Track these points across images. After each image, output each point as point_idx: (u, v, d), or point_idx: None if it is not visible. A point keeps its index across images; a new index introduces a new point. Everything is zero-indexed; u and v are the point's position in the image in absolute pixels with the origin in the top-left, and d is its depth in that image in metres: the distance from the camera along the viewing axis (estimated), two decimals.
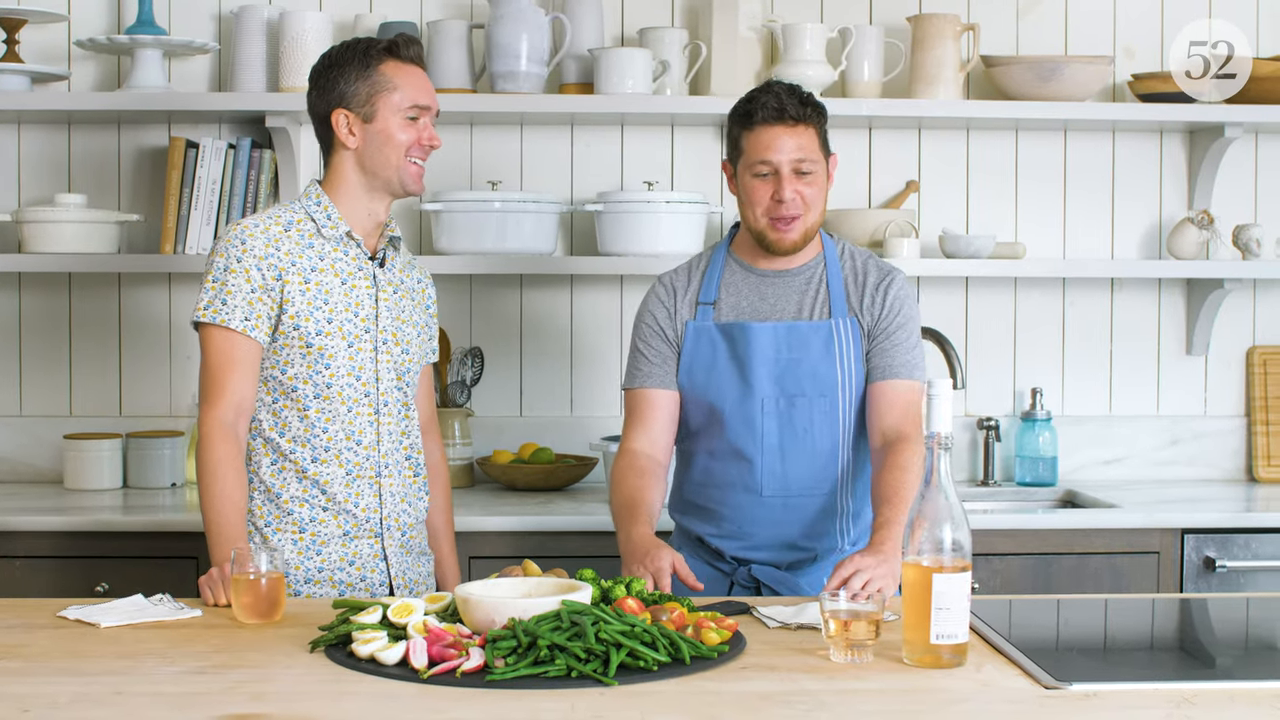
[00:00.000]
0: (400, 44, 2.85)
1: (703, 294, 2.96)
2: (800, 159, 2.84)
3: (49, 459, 4.09)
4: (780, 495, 2.88)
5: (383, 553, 2.87)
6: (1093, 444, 4.26)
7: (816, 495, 2.90)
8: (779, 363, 2.88)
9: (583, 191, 4.16)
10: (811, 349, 2.88)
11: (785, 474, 2.88)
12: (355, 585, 2.84)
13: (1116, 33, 4.26)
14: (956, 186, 4.24)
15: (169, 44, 3.90)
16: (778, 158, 2.84)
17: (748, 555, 2.92)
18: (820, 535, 2.91)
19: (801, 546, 2.90)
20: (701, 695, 2.04)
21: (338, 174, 2.86)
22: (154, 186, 4.10)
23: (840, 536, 2.93)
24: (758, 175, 2.87)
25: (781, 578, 2.90)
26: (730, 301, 2.94)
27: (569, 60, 4.01)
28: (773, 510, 2.89)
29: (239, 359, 2.76)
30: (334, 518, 2.83)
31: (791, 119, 2.84)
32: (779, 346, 2.88)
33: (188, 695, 2.04)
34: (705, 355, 2.92)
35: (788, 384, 2.87)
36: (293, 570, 2.81)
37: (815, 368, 2.87)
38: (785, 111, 2.84)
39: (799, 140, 2.85)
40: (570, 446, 4.13)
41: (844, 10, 4.19)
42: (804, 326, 2.89)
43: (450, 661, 2.11)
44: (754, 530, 2.90)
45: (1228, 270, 4.06)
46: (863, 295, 2.92)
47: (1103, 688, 2.08)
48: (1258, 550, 3.64)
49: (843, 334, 2.89)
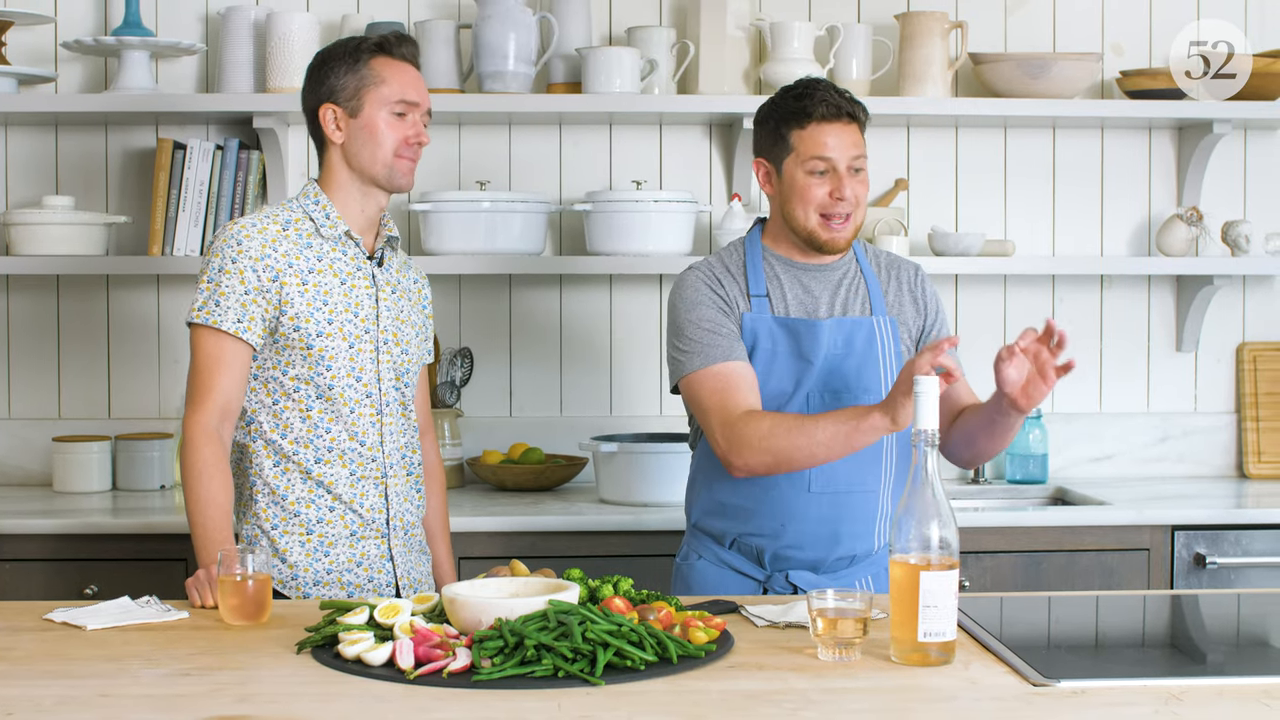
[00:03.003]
0: (392, 40, 2.84)
1: (752, 286, 2.90)
2: (857, 155, 2.84)
3: (37, 461, 4.08)
4: (829, 491, 2.84)
5: (389, 553, 2.87)
6: (1083, 441, 4.26)
7: (862, 492, 2.86)
8: (829, 358, 2.85)
9: (571, 191, 4.16)
10: (856, 346, 2.86)
11: (834, 469, 2.82)
12: (364, 586, 2.84)
13: (1105, 29, 4.26)
14: (945, 184, 4.24)
15: (156, 45, 3.89)
16: (837, 155, 2.82)
17: (789, 553, 2.87)
18: (861, 536, 2.88)
19: (844, 544, 2.86)
20: (689, 694, 2.04)
21: (330, 171, 2.86)
22: (142, 188, 4.09)
23: (877, 538, 2.90)
24: (813, 173, 2.83)
25: (819, 583, 2.84)
26: (779, 295, 2.90)
27: (557, 60, 4.00)
28: (820, 507, 2.85)
29: (228, 361, 2.75)
30: (340, 517, 2.82)
31: (848, 116, 2.84)
32: (832, 342, 2.86)
33: (174, 697, 2.03)
34: (765, 349, 2.86)
35: (833, 380, 2.85)
36: (301, 572, 2.80)
37: (860, 364, 2.85)
38: (843, 109, 2.83)
39: (854, 138, 2.84)
40: (560, 447, 4.13)
41: (831, 8, 4.19)
42: (849, 323, 2.87)
43: (437, 662, 2.11)
44: (798, 527, 2.85)
45: (1217, 267, 4.06)
46: (905, 292, 2.94)
47: (1091, 684, 2.08)
48: (1248, 546, 3.65)
49: (883, 331, 2.88)
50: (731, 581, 2.91)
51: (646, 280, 4.17)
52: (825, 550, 2.87)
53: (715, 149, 4.18)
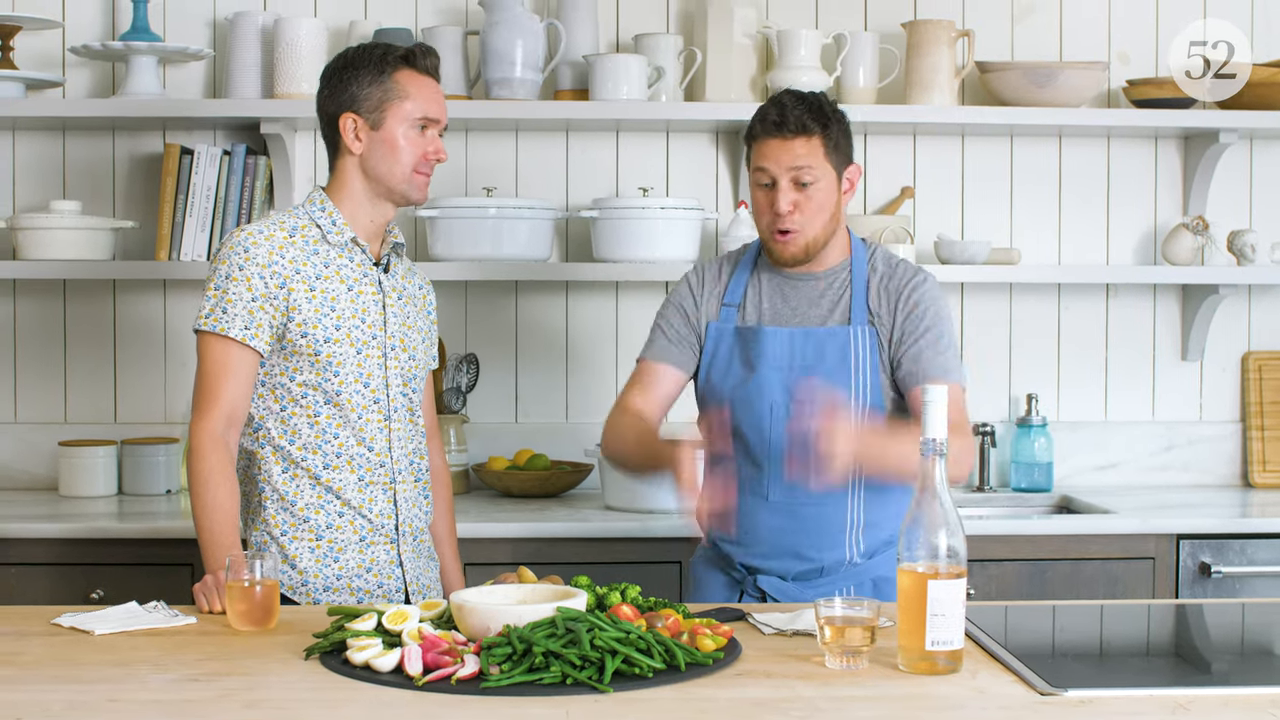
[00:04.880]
0: (417, 54, 2.83)
1: (728, 294, 2.95)
2: (798, 168, 2.82)
3: (44, 466, 4.08)
4: (786, 501, 2.85)
5: (399, 558, 2.87)
6: (1088, 450, 4.26)
7: (825, 504, 2.85)
8: (792, 368, 2.85)
9: (578, 198, 4.16)
10: (826, 355, 2.85)
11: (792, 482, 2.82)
12: (373, 592, 2.84)
13: (1111, 39, 4.26)
14: (952, 192, 4.24)
15: (164, 50, 3.90)
16: (774, 168, 2.83)
17: (754, 563, 2.89)
18: (828, 547, 2.87)
19: (808, 557, 2.86)
20: (697, 702, 2.04)
21: (342, 178, 2.85)
22: (149, 193, 4.10)
23: (850, 549, 2.87)
24: (759, 185, 2.86)
25: (786, 589, 2.86)
26: (755, 303, 2.93)
27: (564, 67, 4.01)
28: (779, 517, 2.86)
29: (234, 368, 2.75)
30: (350, 523, 2.82)
31: (790, 131, 2.82)
32: (793, 352, 2.85)
33: (182, 703, 2.03)
34: (723, 357, 2.91)
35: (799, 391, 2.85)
36: (311, 579, 2.80)
37: (830, 375, 2.84)
38: (783, 124, 2.82)
39: (797, 150, 2.82)
40: (566, 453, 4.13)
41: (839, 16, 4.19)
42: (820, 332, 2.86)
43: (445, 669, 2.11)
44: (761, 537, 2.87)
45: (1223, 276, 4.06)
46: (889, 299, 2.88)
47: (1098, 694, 2.08)
48: (1253, 556, 3.65)
49: (859, 341, 2.85)
50: (717, 581, 2.94)
51: (652, 287, 4.17)
52: (788, 562, 2.87)
53: (722, 156, 4.18)
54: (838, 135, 2.87)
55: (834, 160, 2.86)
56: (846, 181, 2.90)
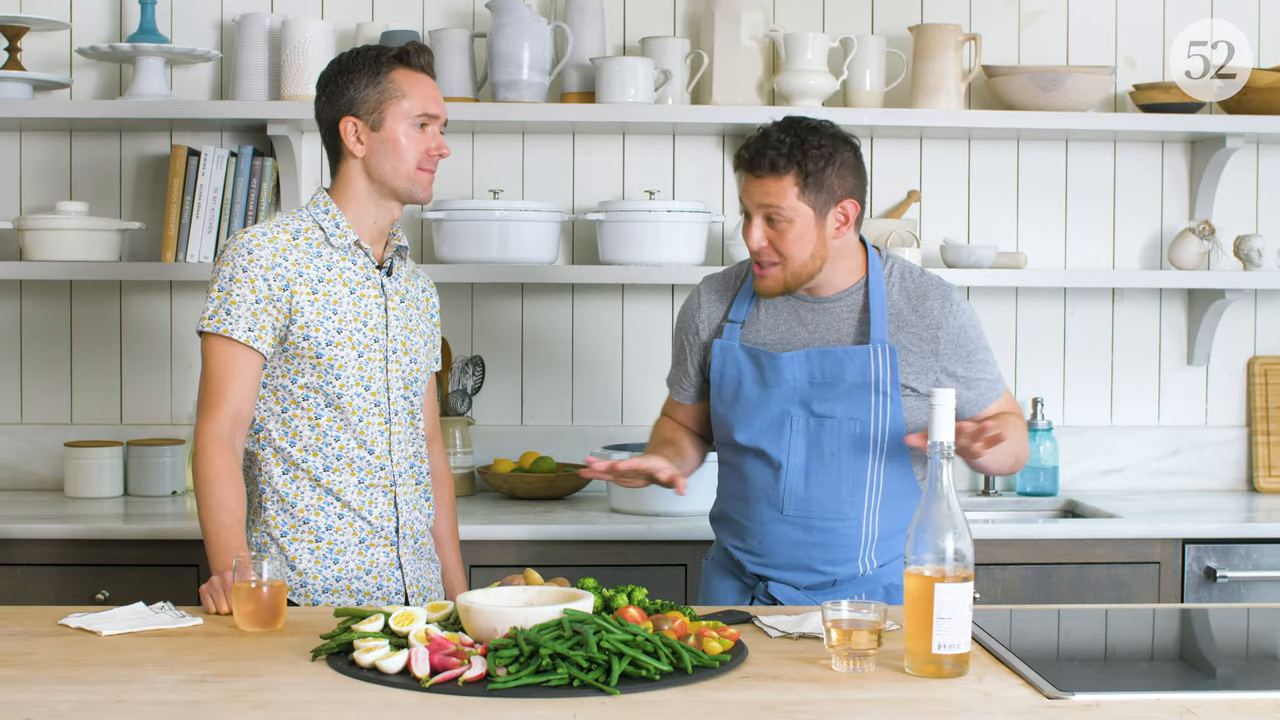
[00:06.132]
0: (411, 52, 2.84)
1: (733, 311, 2.93)
2: (767, 205, 2.76)
3: (50, 467, 4.09)
4: (801, 516, 2.84)
5: (398, 561, 2.87)
6: (1094, 454, 4.26)
7: (840, 520, 2.83)
8: (811, 386, 2.82)
9: (584, 201, 4.16)
10: (846, 374, 2.81)
11: (808, 496, 2.82)
12: (373, 594, 2.84)
13: (1118, 43, 4.26)
14: (958, 196, 4.24)
15: (171, 52, 3.91)
16: (748, 202, 2.81)
17: (766, 573, 2.88)
18: (842, 561, 2.85)
19: (820, 570, 2.85)
20: (704, 705, 2.04)
21: (345, 182, 2.86)
22: (155, 194, 4.10)
23: (864, 563, 2.86)
24: (743, 213, 2.85)
25: (797, 598, 2.85)
26: (768, 323, 2.89)
27: (570, 69, 4.01)
28: (794, 530, 2.85)
29: (239, 370, 2.75)
30: (349, 525, 2.82)
31: (761, 170, 2.76)
32: (811, 370, 2.82)
33: (189, 704, 2.04)
34: (732, 376, 2.88)
35: (817, 407, 2.82)
36: (310, 580, 2.81)
37: (849, 392, 2.81)
38: (754, 162, 2.76)
39: (767, 188, 2.75)
40: (571, 455, 4.13)
41: (846, 20, 4.19)
42: (838, 351, 2.81)
43: (452, 670, 2.11)
44: (774, 548, 2.86)
45: (1229, 281, 4.06)
46: (918, 321, 2.83)
47: (1105, 698, 2.08)
48: (1259, 561, 3.64)
49: (878, 360, 2.80)
50: (729, 586, 2.94)
51: (658, 290, 4.18)
52: (799, 574, 2.86)
53: (728, 159, 4.18)
54: (820, 173, 2.75)
55: (812, 199, 2.75)
56: (839, 217, 2.79)
